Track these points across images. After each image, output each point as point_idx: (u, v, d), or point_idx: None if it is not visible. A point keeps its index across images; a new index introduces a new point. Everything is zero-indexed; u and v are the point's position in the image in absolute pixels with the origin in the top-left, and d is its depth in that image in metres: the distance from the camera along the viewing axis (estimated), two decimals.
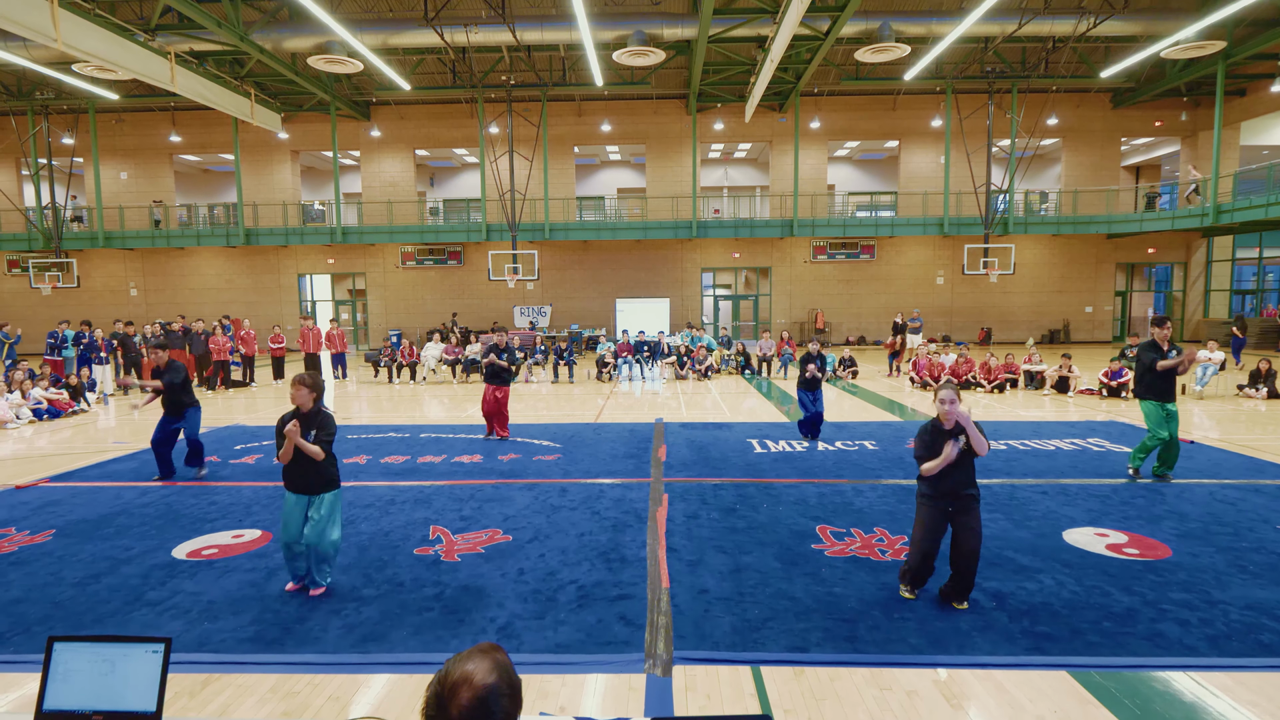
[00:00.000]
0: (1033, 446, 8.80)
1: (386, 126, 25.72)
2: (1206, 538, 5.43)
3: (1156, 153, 28.45)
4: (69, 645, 2.24)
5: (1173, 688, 3.41)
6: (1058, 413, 11.62)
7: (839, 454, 8.54)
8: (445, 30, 17.84)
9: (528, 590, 4.58)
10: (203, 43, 17.44)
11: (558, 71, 22.76)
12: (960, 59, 21.82)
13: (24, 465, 8.52)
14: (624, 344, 18.00)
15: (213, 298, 26.52)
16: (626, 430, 10.17)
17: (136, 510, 6.47)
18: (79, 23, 13.23)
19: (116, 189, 26.03)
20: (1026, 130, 23.41)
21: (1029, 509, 6.22)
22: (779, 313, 26.35)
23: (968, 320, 26.12)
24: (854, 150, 29.64)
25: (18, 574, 4.96)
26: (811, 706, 3.28)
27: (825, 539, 5.51)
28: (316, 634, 3.99)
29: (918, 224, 24.33)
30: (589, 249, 26.30)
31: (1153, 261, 26.59)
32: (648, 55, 17.43)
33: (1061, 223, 24.17)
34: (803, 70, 20.73)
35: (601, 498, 6.72)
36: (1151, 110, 24.66)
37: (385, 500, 6.69)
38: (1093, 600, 4.33)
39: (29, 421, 11.47)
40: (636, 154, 29.14)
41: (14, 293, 26.56)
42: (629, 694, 3.41)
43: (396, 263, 26.63)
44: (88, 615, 4.29)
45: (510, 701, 1.33)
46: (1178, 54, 17.65)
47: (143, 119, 25.71)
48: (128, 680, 2.18)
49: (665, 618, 4.17)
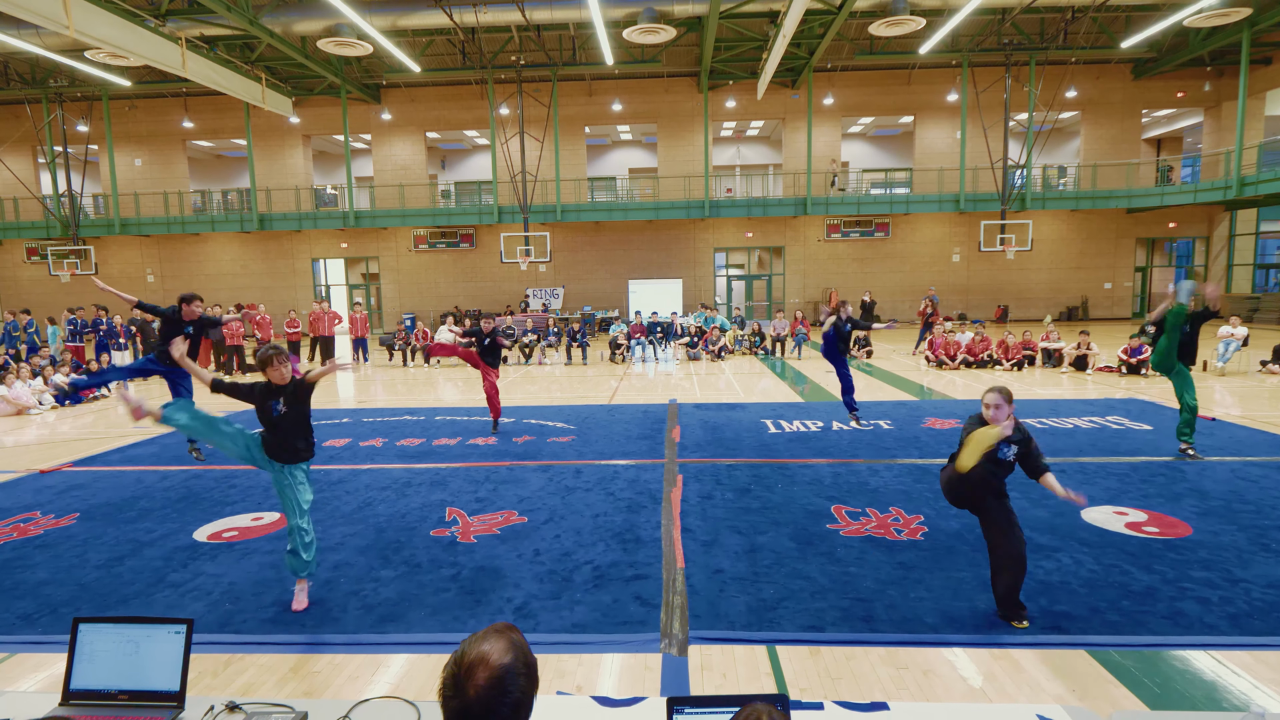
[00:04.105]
0: (1051, 425, 8.71)
1: (397, 109, 25.63)
2: (1228, 515, 5.36)
3: (1179, 124, 27.84)
4: (94, 626, 2.28)
5: (1193, 666, 3.39)
6: (1076, 390, 11.49)
7: (854, 433, 8.50)
8: (454, 11, 17.70)
9: (543, 571, 4.61)
10: (213, 27, 17.41)
11: (568, 51, 22.54)
12: (977, 31, 21.37)
13: (48, 450, 8.66)
14: (637, 325, 17.97)
15: (228, 283, 26.71)
16: (640, 411, 10.17)
17: (158, 493, 6.57)
18: (90, 9, 13.26)
19: (131, 175, 26.18)
20: (1045, 103, 22.94)
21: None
22: (792, 292, 26.18)
23: (984, 298, 25.83)
24: (868, 126, 29.23)
25: (44, 557, 5.05)
26: (828, 685, 3.29)
27: (840, 519, 5.50)
28: (336, 614, 4.05)
29: (933, 201, 24.00)
30: (601, 230, 26.20)
31: (1174, 236, 26.11)
32: (658, 33, 17.22)
33: (1080, 197, 23.75)
34: (816, 45, 20.41)
35: (616, 479, 6.73)
36: (1174, 81, 24.08)
37: (402, 482, 6.74)
38: (1111, 579, 4.30)
39: (51, 407, 11.65)
40: (648, 133, 28.89)
41: (34, 280, 26.88)
42: (645, 673, 3.43)
43: (409, 246, 26.67)
44: (112, 596, 4.37)
45: (527, 681, 1.33)
46: (1201, 22, 17.20)
47: (155, 105, 25.77)
48: (152, 660, 2.22)
49: (680, 597, 4.18)
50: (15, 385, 11.33)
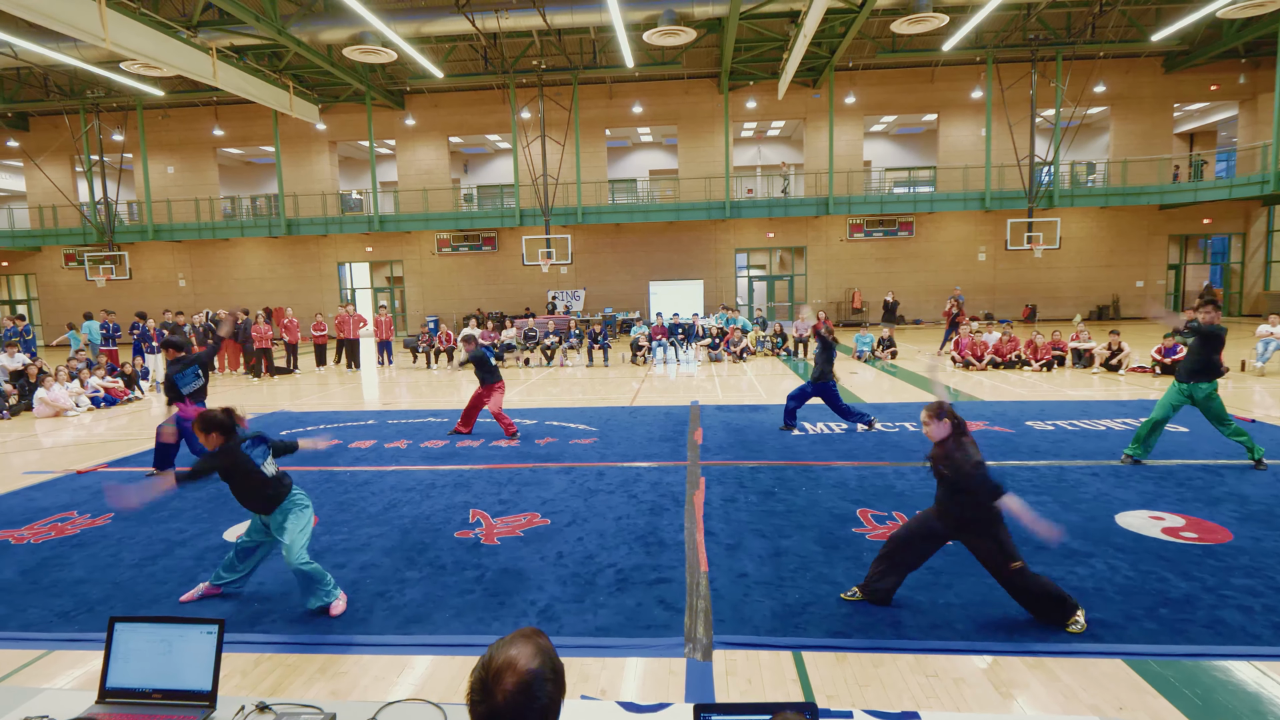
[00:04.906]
0: (1082, 427, 8.55)
1: (420, 115, 25.90)
2: (1270, 521, 5.21)
3: (1212, 118, 27.20)
4: (129, 625, 2.31)
5: (1235, 677, 3.29)
6: (1108, 392, 11.26)
7: (879, 435, 8.41)
8: (476, 16, 17.84)
9: (567, 573, 4.60)
10: (242, 37, 17.74)
11: (588, 54, 22.62)
12: (1001, 27, 21.07)
13: (84, 451, 8.86)
14: (658, 327, 17.95)
15: (257, 287, 27.17)
16: (662, 413, 10.15)
17: (189, 494, 6.67)
18: (125, 22, 13.60)
19: (164, 183, 26.76)
20: (1072, 99, 22.56)
21: (1079, 491, 6.04)
22: (815, 292, 26.00)
23: (1011, 298, 25.45)
24: (891, 125, 28.95)
25: (80, 555, 5.16)
26: (855, 693, 3.24)
27: (866, 522, 5.43)
28: (362, 615, 4.08)
29: (958, 199, 23.70)
30: (622, 232, 26.24)
31: (1208, 233, 25.52)
32: (678, 35, 17.21)
33: (1110, 194, 23.31)
34: (837, 44, 20.26)
35: (638, 481, 6.72)
36: (1207, 74, 23.54)
37: (426, 484, 6.79)
38: (1148, 586, 4.19)
39: (88, 409, 11.92)
40: (668, 135, 28.89)
41: (71, 285, 27.57)
42: (669, 678, 3.41)
43: (432, 249, 26.93)
44: (145, 595, 4.44)
45: (554, 686, 1.33)
46: (1235, 13, 16.77)
47: (187, 114, 26.32)
48: (185, 660, 2.25)
49: (704, 601, 4.16)
50: (54, 388, 11.61)
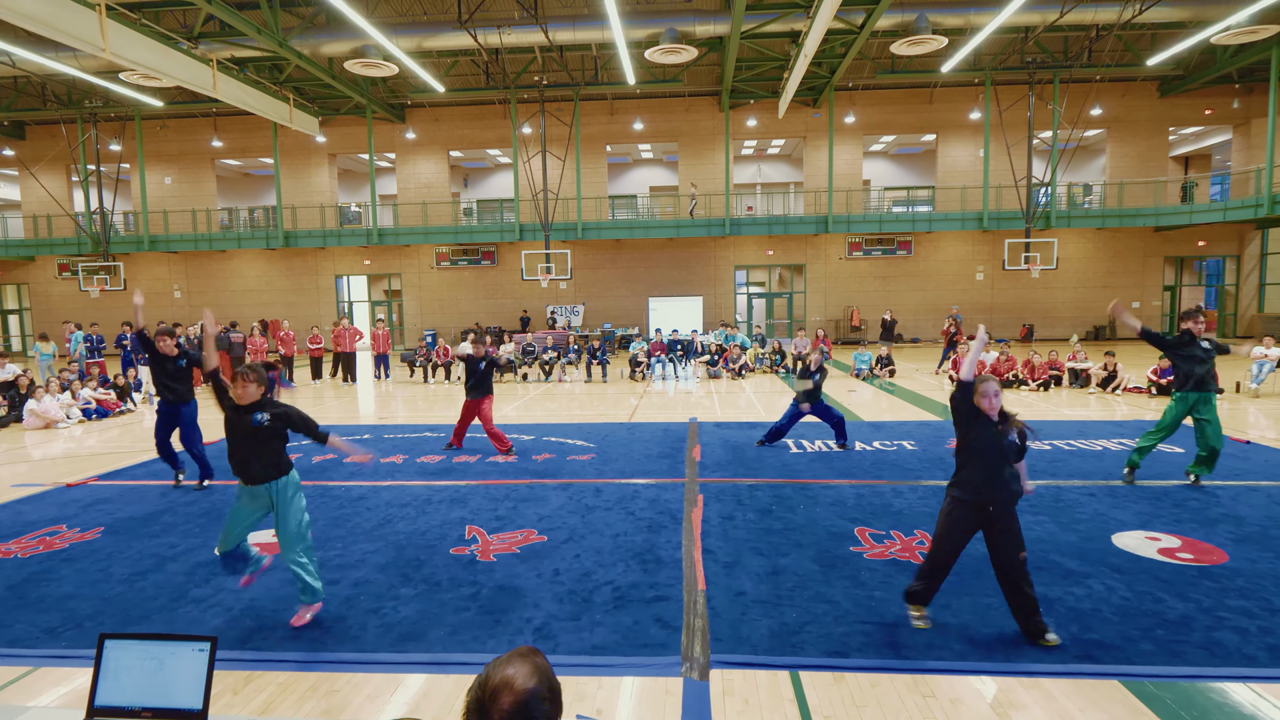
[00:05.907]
0: (1078, 446, 8.55)
1: (421, 129, 26.04)
2: (1265, 542, 5.21)
3: (1207, 141, 27.49)
4: (120, 643, 2.28)
5: (1231, 699, 3.27)
6: (1104, 412, 11.28)
7: (876, 454, 8.40)
8: (478, 32, 17.98)
9: (563, 591, 4.57)
10: (243, 49, 17.83)
11: (590, 71, 22.80)
12: (999, 50, 21.32)
13: (74, 464, 8.80)
14: (657, 343, 17.97)
15: (253, 299, 27.15)
16: (660, 430, 10.13)
17: (181, 509, 6.63)
18: (126, 32, 13.65)
19: (161, 193, 26.79)
20: (1069, 121, 22.79)
21: (1076, 511, 6.03)
22: (814, 310, 26.07)
23: (1009, 317, 25.54)
24: (890, 144, 29.18)
25: (69, 570, 5.11)
26: (852, 713, 3.22)
27: (864, 541, 5.41)
28: (355, 633, 4.04)
29: (956, 219, 23.85)
30: (622, 248, 26.32)
31: (1203, 255, 25.69)
32: (680, 53, 17.36)
33: (1107, 215, 23.48)
34: (837, 64, 20.45)
35: (636, 498, 6.69)
36: (1201, 98, 23.82)
37: (422, 499, 6.75)
38: (1145, 607, 4.18)
39: (79, 421, 11.85)
40: (669, 152, 29.07)
41: (64, 295, 27.51)
42: (666, 697, 3.38)
43: (431, 263, 26.96)
44: (135, 611, 4.39)
45: (551, 706, 1.32)
46: (1229, 39, 17.01)
47: (186, 125, 26.41)
48: (176, 678, 2.21)
49: (702, 620, 4.13)
50: (44, 399, 11.55)
